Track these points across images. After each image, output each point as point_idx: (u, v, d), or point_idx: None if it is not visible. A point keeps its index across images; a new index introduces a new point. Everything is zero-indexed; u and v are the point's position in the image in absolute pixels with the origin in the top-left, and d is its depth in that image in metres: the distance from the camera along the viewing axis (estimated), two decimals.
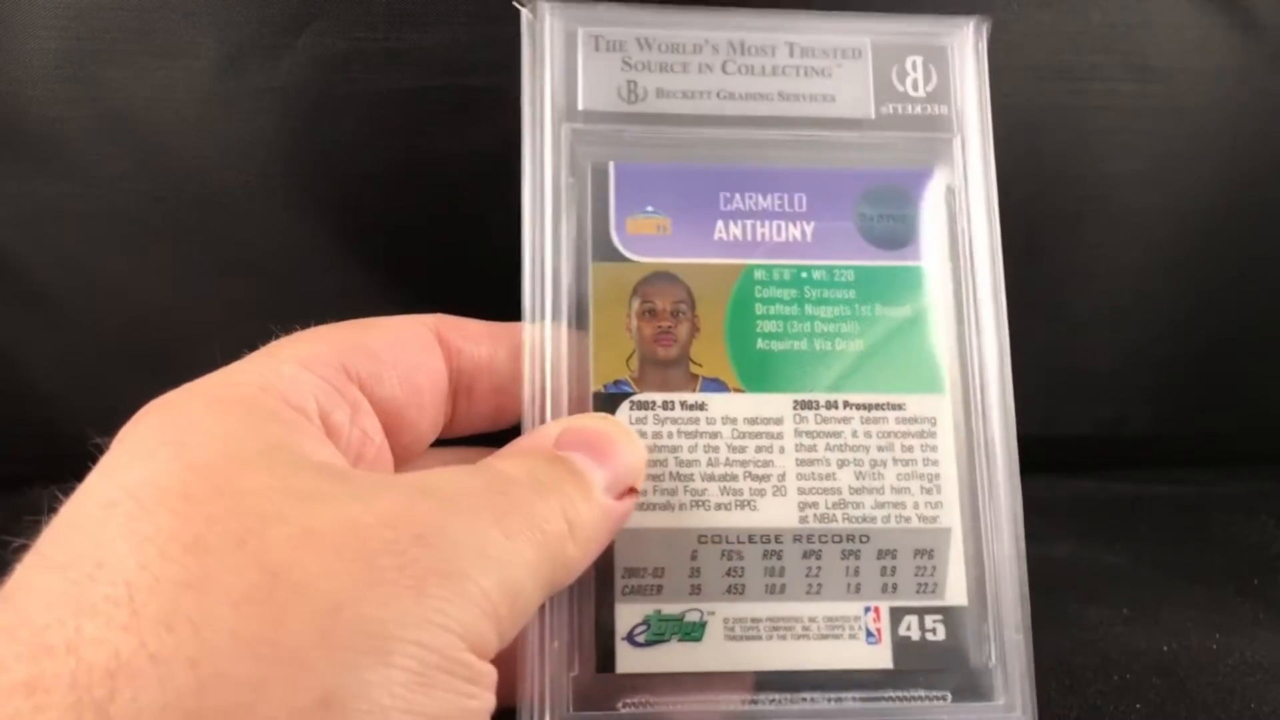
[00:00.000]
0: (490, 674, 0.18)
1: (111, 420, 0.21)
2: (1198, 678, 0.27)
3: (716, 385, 0.25)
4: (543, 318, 0.24)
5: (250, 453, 0.18)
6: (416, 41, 0.36)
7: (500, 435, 0.25)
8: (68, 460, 0.21)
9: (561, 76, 0.25)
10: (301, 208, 0.38)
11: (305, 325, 0.25)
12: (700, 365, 0.25)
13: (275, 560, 0.16)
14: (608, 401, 0.24)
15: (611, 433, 0.22)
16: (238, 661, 0.15)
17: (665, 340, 0.25)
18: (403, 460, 0.23)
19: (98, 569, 0.16)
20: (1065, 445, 0.42)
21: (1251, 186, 0.40)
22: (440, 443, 0.25)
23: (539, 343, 0.24)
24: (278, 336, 0.23)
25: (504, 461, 0.21)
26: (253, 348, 0.30)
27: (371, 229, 0.38)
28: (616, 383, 0.25)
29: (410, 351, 0.22)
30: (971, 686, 0.24)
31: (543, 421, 0.23)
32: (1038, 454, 0.42)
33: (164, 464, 0.17)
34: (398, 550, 0.17)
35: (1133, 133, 0.39)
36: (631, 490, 0.22)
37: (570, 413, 0.23)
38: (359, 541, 0.17)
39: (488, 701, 0.18)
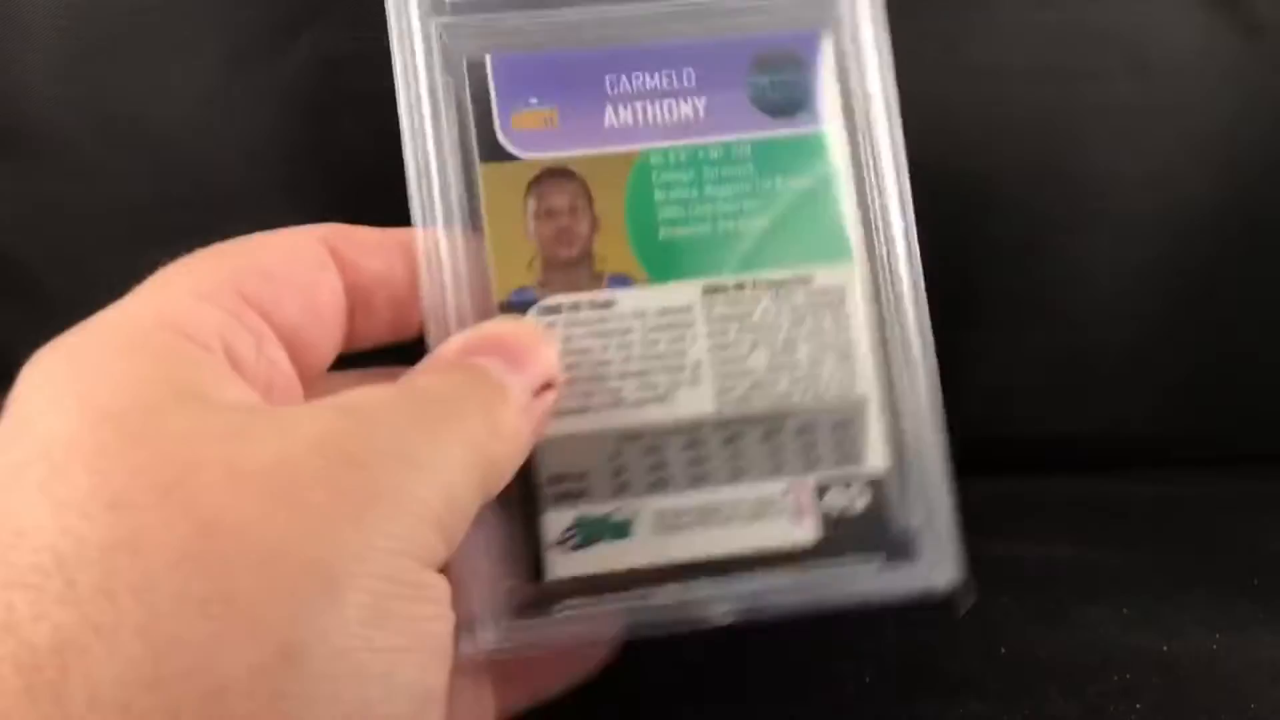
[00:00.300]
0: (443, 586, 0.18)
1: None
2: (1198, 678, 0.27)
3: (623, 281, 0.25)
4: (435, 225, 0.23)
5: (162, 397, 0.17)
6: None
7: (401, 352, 0.24)
8: None
9: None
10: (301, 208, 0.38)
11: None
12: (605, 261, 0.25)
13: (206, 509, 0.15)
14: (512, 310, 0.24)
15: (520, 335, 0.22)
16: (187, 624, 0.14)
17: (566, 239, 0.25)
18: (306, 382, 0.22)
19: (18, 538, 0.15)
20: (1064, 445, 0.42)
21: (1251, 186, 0.40)
22: (342, 363, 0.24)
23: (434, 252, 0.23)
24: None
25: (421, 377, 0.20)
26: None
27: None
28: (520, 290, 0.24)
29: (306, 269, 0.22)
30: (898, 551, 0.24)
31: (447, 333, 0.23)
32: (1038, 454, 0.42)
33: (72, 416, 0.17)
34: (329, 478, 0.16)
35: (1133, 133, 0.39)
36: (549, 386, 0.22)
37: (475, 322, 0.23)
38: (289, 477, 0.16)
39: (447, 618, 0.18)
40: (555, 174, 0.25)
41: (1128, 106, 0.39)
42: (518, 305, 0.24)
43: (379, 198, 0.38)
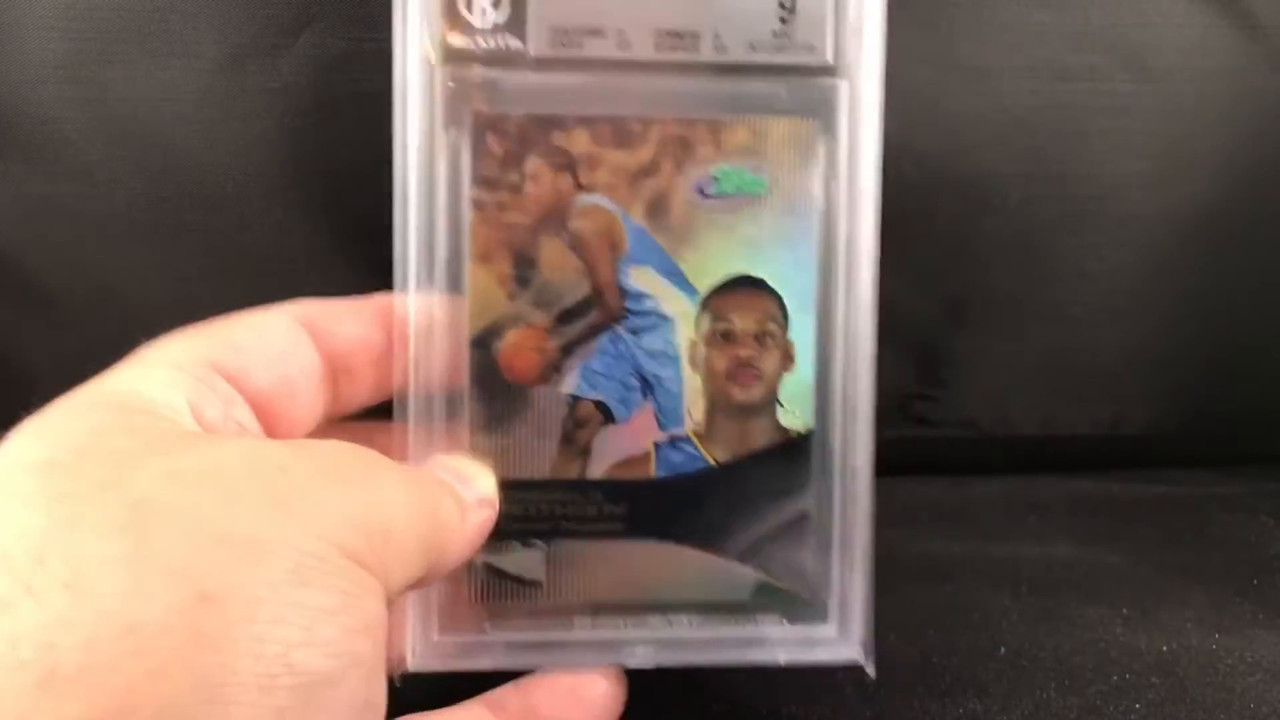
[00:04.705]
0: (373, 584, 0.18)
1: None
2: (1197, 678, 0.27)
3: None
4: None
5: (115, 428, 0.18)
6: None
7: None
8: None
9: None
10: (301, 208, 0.38)
11: None
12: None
13: (140, 495, 0.17)
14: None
15: (468, 467, 0.24)
16: (111, 578, 0.16)
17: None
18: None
19: None
20: (1064, 445, 0.42)
21: (1250, 186, 0.40)
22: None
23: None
24: None
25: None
26: None
27: (370, 229, 0.37)
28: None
29: (276, 342, 0.23)
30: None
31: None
32: (1037, 453, 0.42)
33: (27, 447, 0.18)
34: (260, 475, 0.18)
35: (1132, 133, 0.39)
36: (489, 504, 0.23)
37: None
38: (221, 474, 0.18)
39: (379, 597, 0.18)
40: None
41: (1127, 106, 0.39)
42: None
43: (377, 197, 0.38)
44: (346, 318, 0.24)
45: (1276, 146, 0.40)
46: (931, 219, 0.37)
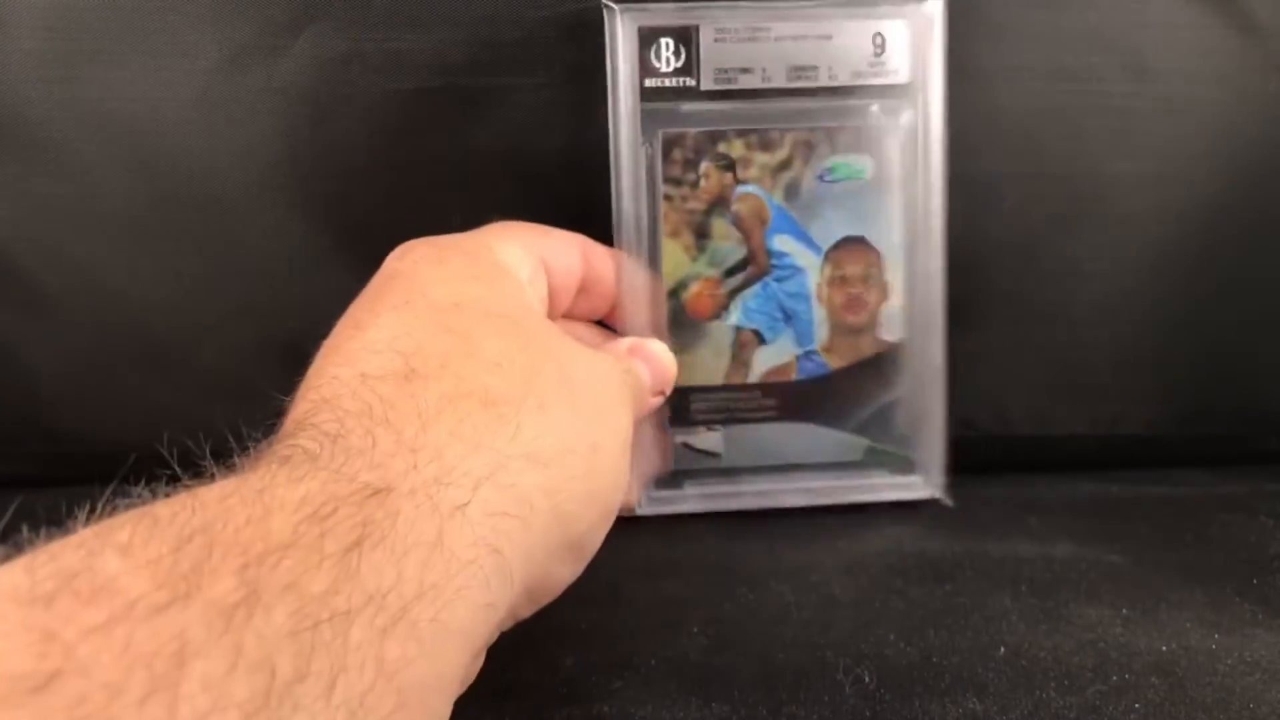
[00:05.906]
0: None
1: (110, 420, 0.21)
2: (1197, 678, 0.27)
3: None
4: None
5: (521, 299, 0.28)
6: (416, 41, 0.36)
7: None
8: (67, 460, 0.21)
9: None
10: (301, 208, 0.38)
11: (304, 325, 0.26)
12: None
13: (568, 369, 0.25)
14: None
15: (662, 359, 0.32)
16: (563, 415, 0.24)
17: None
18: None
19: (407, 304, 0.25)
20: (1062, 444, 0.42)
21: (1249, 187, 0.40)
22: None
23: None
24: (278, 336, 0.23)
25: (617, 350, 0.32)
26: (253, 348, 0.29)
27: (371, 229, 0.38)
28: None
29: (569, 258, 0.31)
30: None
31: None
32: (1034, 452, 0.42)
33: (481, 295, 0.26)
34: (612, 378, 0.28)
35: (1131, 133, 0.39)
36: (662, 393, 0.33)
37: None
38: (598, 368, 0.27)
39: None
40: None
41: (1126, 107, 0.39)
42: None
43: (378, 197, 0.38)
44: (604, 259, 0.33)
45: (1275, 147, 0.40)
46: None
